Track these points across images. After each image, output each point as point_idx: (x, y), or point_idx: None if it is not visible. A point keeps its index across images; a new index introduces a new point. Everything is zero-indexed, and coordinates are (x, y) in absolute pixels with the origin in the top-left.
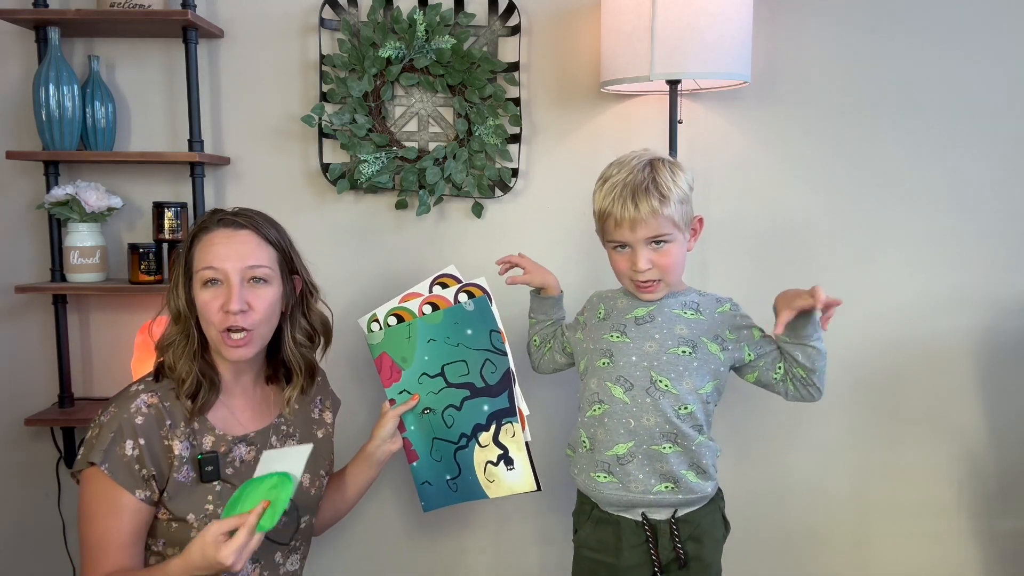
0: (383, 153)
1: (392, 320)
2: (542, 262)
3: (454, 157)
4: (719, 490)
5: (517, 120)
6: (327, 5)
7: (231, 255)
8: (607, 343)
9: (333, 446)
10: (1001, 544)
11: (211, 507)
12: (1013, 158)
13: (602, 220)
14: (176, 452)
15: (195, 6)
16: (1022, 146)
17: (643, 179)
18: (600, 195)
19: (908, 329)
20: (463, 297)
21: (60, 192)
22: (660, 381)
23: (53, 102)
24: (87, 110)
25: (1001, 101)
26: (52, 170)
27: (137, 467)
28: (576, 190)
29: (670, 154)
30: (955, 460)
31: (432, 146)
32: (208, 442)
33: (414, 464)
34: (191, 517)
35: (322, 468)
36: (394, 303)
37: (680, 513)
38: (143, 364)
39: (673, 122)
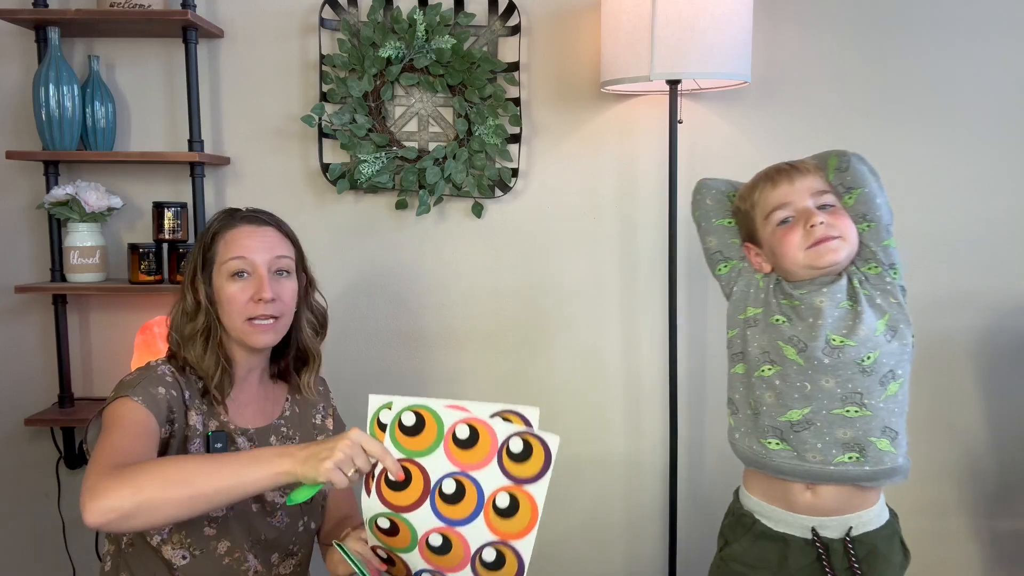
0: (383, 153)
1: (409, 417)
2: (542, 262)
3: (454, 157)
4: (894, 512)
5: (517, 120)
6: (327, 5)
7: (260, 247)
8: (787, 304)
9: None
10: (1001, 544)
11: None
12: (1013, 158)
13: (757, 205)
14: (191, 423)
15: (195, 6)
16: (1022, 146)
17: (783, 162)
18: (747, 191)
19: None
20: (515, 443)
21: (60, 192)
22: (833, 339)
23: (53, 102)
24: (87, 110)
25: (1001, 101)
26: (52, 170)
27: (167, 408)
28: (576, 190)
29: (670, 154)
30: (955, 460)
31: (432, 146)
32: (213, 426)
33: None
34: None
35: None
36: (420, 401)
37: (855, 532)
38: (143, 364)
39: (673, 122)
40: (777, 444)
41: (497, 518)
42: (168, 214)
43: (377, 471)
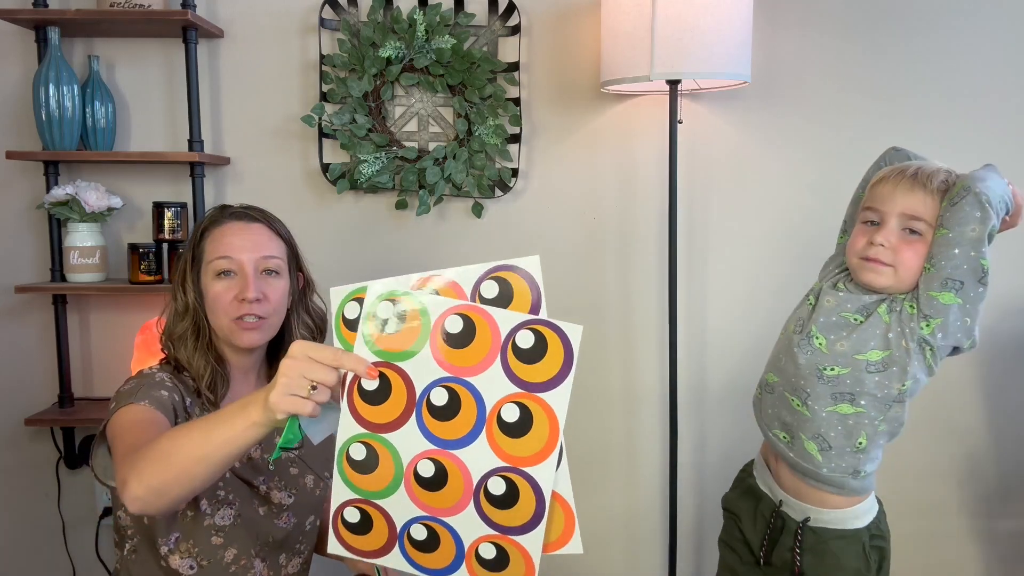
0: (383, 153)
1: (386, 309)
2: (542, 262)
3: (454, 157)
4: (879, 530)
5: (517, 120)
6: (327, 5)
7: (246, 246)
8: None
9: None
10: (1001, 544)
11: (222, 493)
12: (1012, 158)
13: (873, 189)
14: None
15: (195, 6)
16: (1021, 146)
17: (936, 170)
18: (880, 174)
19: None
20: (523, 337)
21: (60, 192)
22: (815, 338)
23: (53, 102)
24: (87, 110)
25: (999, 101)
26: (52, 170)
27: (171, 408)
28: (576, 190)
29: (670, 154)
30: (955, 460)
31: (432, 146)
32: None
33: None
34: (204, 504)
35: (327, 470)
36: (394, 284)
37: (812, 523)
38: (143, 364)
39: (673, 122)
40: (759, 394)
41: (504, 437)
42: (168, 214)
43: (349, 379)
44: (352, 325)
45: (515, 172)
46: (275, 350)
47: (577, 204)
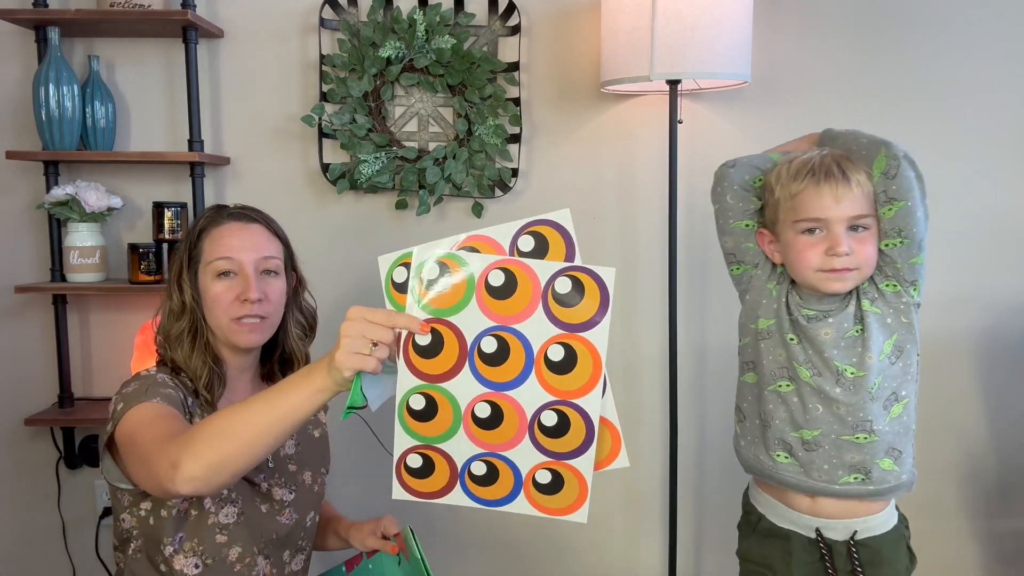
0: (383, 153)
1: (432, 270)
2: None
3: (454, 157)
4: (904, 517)
5: (517, 120)
6: (327, 5)
7: (246, 246)
8: (795, 325)
9: (329, 445)
10: (1001, 544)
11: (225, 491)
12: (1013, 157)
13: (793, 200)
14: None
15: (195, 6)
16: (1021, 145)
17: (838, 156)
18: (786, 175)
19: None
20: (561, 283)
21: (60, 192)
22: (846, 370)
23: (53, 102)
24: (87, 110)
25: (1000, 101)
26: (52, 170)
27: (181, 405)
28: (576, 190)
29: (670, 154)
30: (955, 460)
31: (432, 146)
32: None
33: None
34: (208, 502)
35: (323, 466)
36: (438, 248)
37: (860, 536)
38: (143, 364)
39: (673, 122)
40: (785, 458)
41: (552, 375)
42: (168, 214)
43: (403, 337)
44: (401, 288)
45: (515, 172)
46: (268, 351)
47: (577, 204)
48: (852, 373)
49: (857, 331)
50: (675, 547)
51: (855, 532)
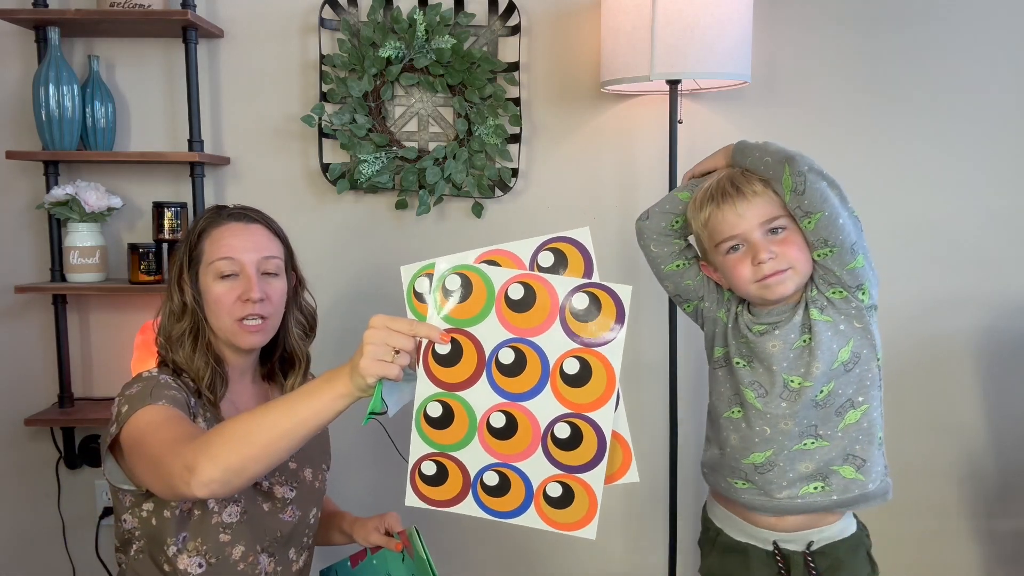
0: (383, 153)
1: (454, 281)
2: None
3: (454, 157)
4: (863, 526)
5: (517, 120)
6: (327, 5)
7: (247, 247)
8: (744, 345)
9: (329, 442)
10: (1001, 544)
11: None
12: (1013, 157)
13: (706, 228)
14: (199, 424)
15: (195, 6)
16: (1021, 144)
17: (732, 175)
18: (695, 210)
19: (908, 329)
20: (579, 299)
21: (60, 192)
22: (792, 381)
23: (53, 102)
24: (87, 110)
25: (1001, 99)
26: (52, 170)
27: (186, 406)
28: (576, 190)
29: (670, 154)
30: (955, 460)
31: (432, 146)
32: None
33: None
34: (211, 501)
35: (324, 463)
36: (461, 259)
37: (816, 546)
38: (143, 364)
39: (673, 122)
40: (743, 484)
41: (567, 387)
42: (168, 214)
43: (424, 345)
44: (423, 298)
45: (515, 172)
46: (269, 350)
47: (577, 204)
48: (799, 383)
49: (804, 341)
50: (675, 551)
51: (811, 543)
